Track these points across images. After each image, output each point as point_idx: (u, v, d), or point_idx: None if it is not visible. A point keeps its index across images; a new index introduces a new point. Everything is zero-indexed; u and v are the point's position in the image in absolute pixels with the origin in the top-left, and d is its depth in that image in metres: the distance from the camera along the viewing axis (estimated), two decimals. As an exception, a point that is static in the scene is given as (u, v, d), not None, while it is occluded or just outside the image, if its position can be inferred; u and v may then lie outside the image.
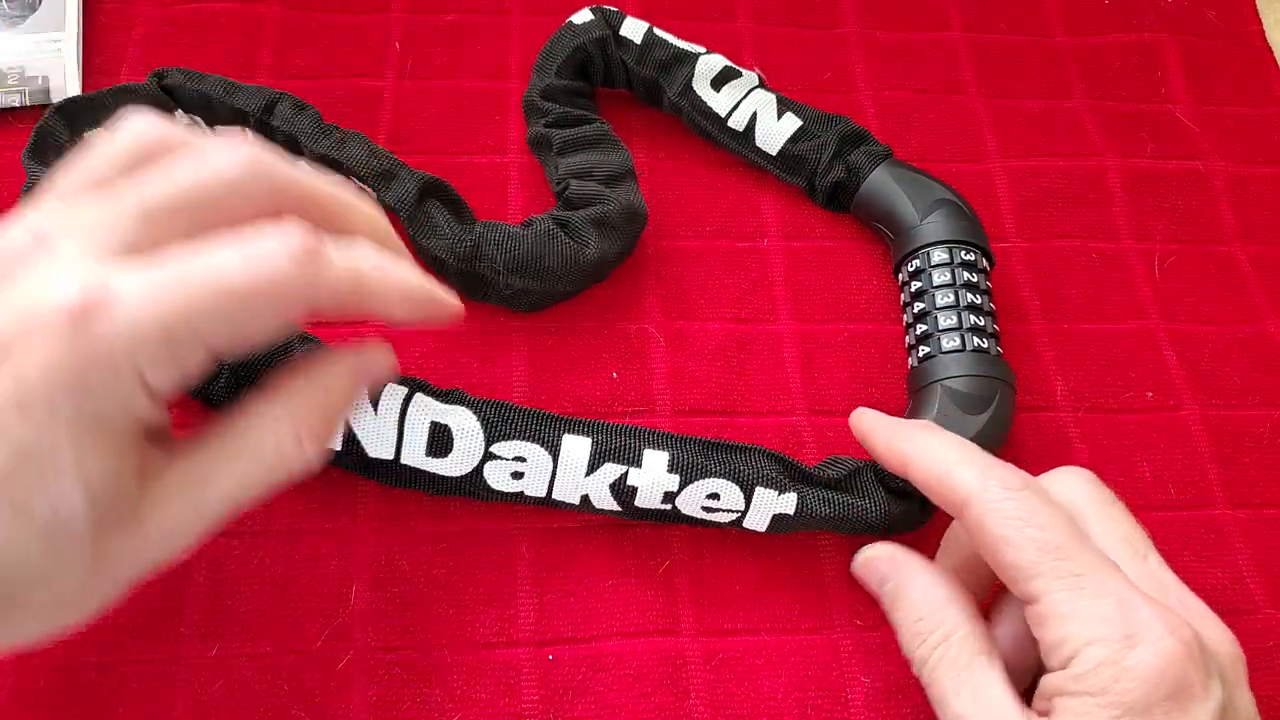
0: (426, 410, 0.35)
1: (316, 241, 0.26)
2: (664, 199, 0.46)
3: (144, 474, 0.26)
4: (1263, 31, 0.54)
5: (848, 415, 0.37)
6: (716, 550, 0.38)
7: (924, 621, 0.31)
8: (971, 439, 0.37)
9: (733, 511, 0.36)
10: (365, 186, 0.41)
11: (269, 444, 0.28)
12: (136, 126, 0.28)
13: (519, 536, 0.38)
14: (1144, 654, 0.26)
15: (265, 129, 0.42)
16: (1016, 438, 0.41)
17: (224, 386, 0.36)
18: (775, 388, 0.42)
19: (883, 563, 0.34)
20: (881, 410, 0.36)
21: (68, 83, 0.45)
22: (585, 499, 0.36)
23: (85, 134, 0.41)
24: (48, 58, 0.45)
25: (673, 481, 0.35)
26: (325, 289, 0.26)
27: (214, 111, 0.42)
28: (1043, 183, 0.48)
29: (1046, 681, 0.28)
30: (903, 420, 0.35)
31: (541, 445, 0.36)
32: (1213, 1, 0.55)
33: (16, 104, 0.44)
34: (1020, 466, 0.40)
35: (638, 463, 0.36)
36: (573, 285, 0.42)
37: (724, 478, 0.36)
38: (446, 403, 0.36)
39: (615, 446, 0.36)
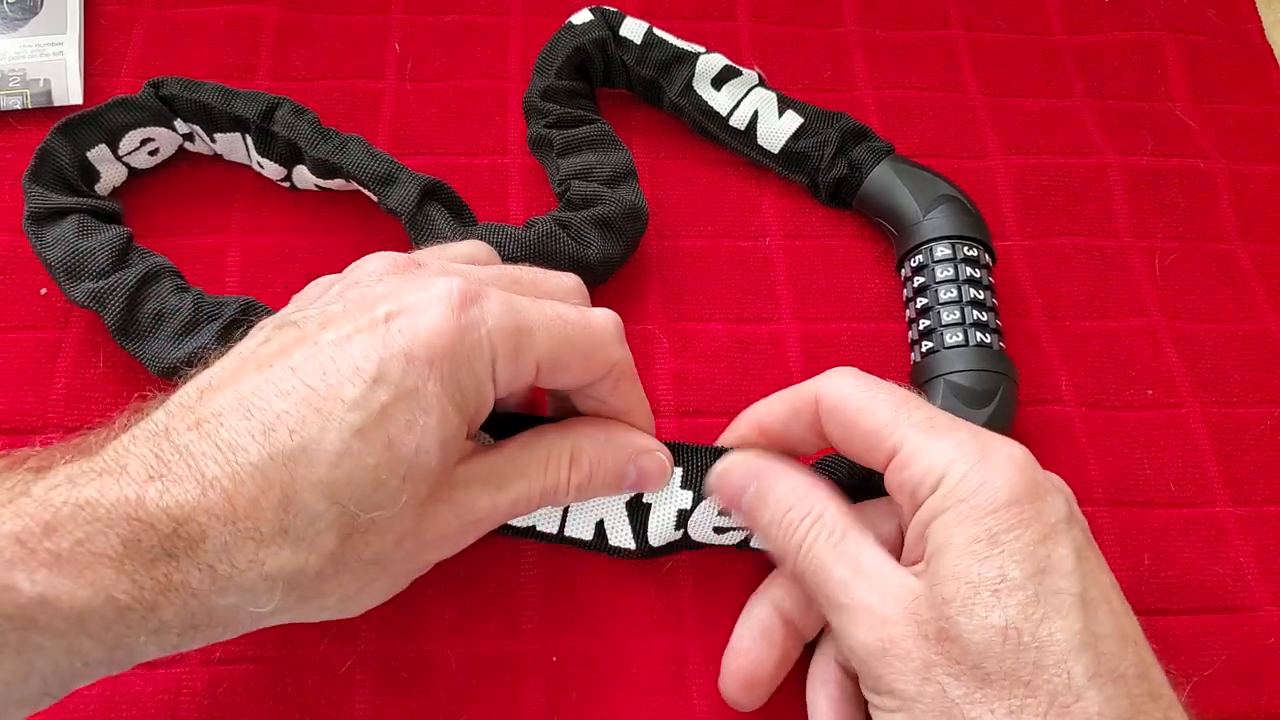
0: None
1: (624, 332, 0.34)
2: (665, 199, 0.46)
3: (461, 459, 0.31)
4: (1262, 29, 0.54)
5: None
6: (719, 549, 0.38)
7: (794, 510, 0.33)
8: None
9: (743, 530, 0.36)
10: (366, 190, 0.41)
11: (546, 460, 0.33)
12: (475, 246, 0.36)
13: (523, 538, 0.37)
14: (1000, 460, 0.30)
15: (265, 135, 0.42)
16: (1021, 433, 0.41)
17: None
18: (778, 387, 0.41)
19: (740, 470, 0.35)
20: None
21: (69, 85, 0.45)
22: (600, 526, 0.36)
23: (87, 152, 0.41)
24: (49, 61, 0.45)
25: (686, 498, 0.35)
26: (619, 364, 0.33)
27: (213, 120, 0.42)
28: (1043, 181, 0.48)
29: (918, 518, 0.31)
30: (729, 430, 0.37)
31: None
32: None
33: (18, 106, 0.44)
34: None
35: None
36: (575, 286, 0.42)
37: None
38: None
39: None
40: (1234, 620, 0.38)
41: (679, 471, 0.35)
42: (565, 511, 0.36)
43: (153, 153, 0.43)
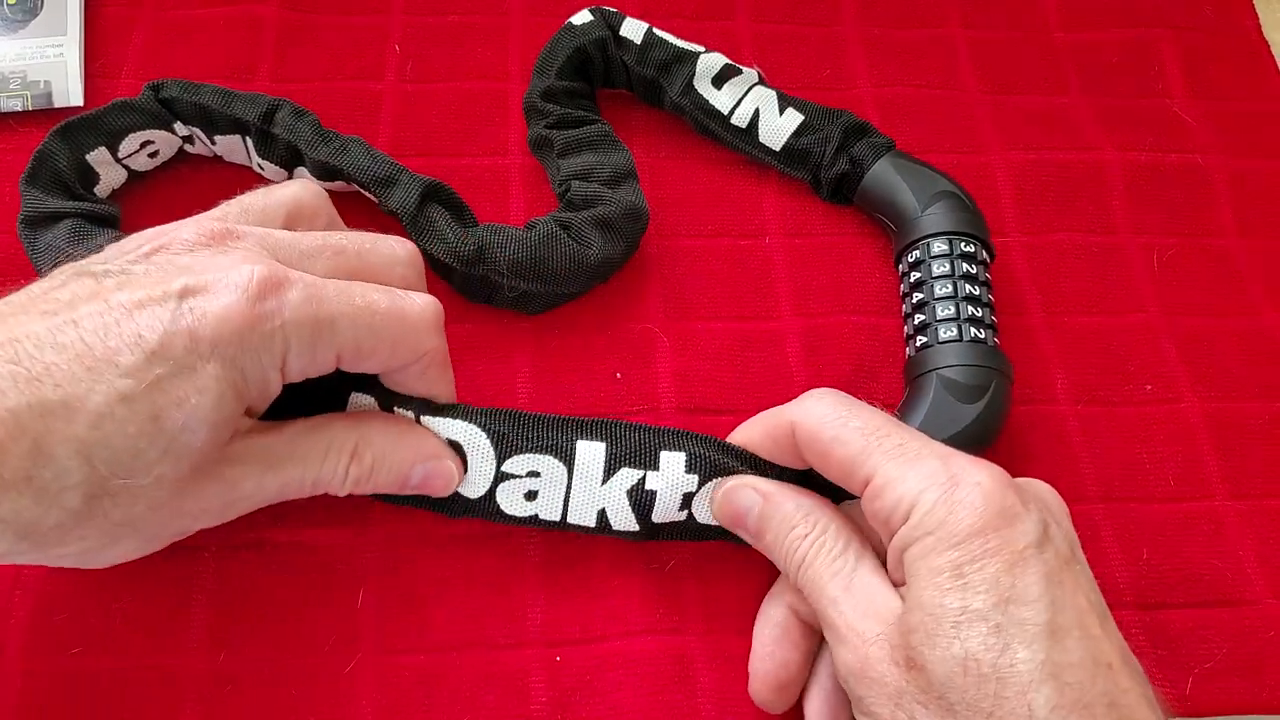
0: (435, 430, 0.35)
1: (443, 319, 0.34)
2: (665, 199, 0.46)
3: (234, 437, 0.31)
4: (1259, 26, 0.54)
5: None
6: (722, 548, 0.38)
7: (796, 529, 0.33)
8: (966, 428, 0.38)
9: None
10: (366, 191, 0.41)
11: (326, 449, 0.33)
12: (301, 188, 0.35)
13: (525, 538, 0.38)
14: (967, 489, 0.30)
15: (265, 137, 0.42)
16: (1017, 431, 0.41)
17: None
18: (779, 385, 0.42)
19: (744, 492, 0.35)
20: (882, 403, 0.36)
21: (70, 87, 0.45)
22: (602, 515, 0.36)
23: (86, 155, 0.41)
24: (49, 62, 0.45)
25: (691, 482, 0.35)
26: (430, 352, 0.33)
27: (213, 122, 0.42)
28: (1042, 177, 0.48)
29: (894, 545, 0.31)
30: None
31: (555, 456, 0.35)
32: (1209, -4, 0.55)
33: (19, 108, 0.44)
34: (1021, 460, 0.41)
35: (654, 465, 0.35)
36: (577, 286, 0.42)
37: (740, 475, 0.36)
38: (452, 417, 0.35)
39: (630, 450, 0.35)
40: (1234, 614, 0.38)
41: (682, 456, 0.35)
42: (566, 501, 0.35)
43: (152, 155, 0.43)
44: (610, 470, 0.35)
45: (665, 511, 0.35)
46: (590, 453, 0.35)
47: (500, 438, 0.35)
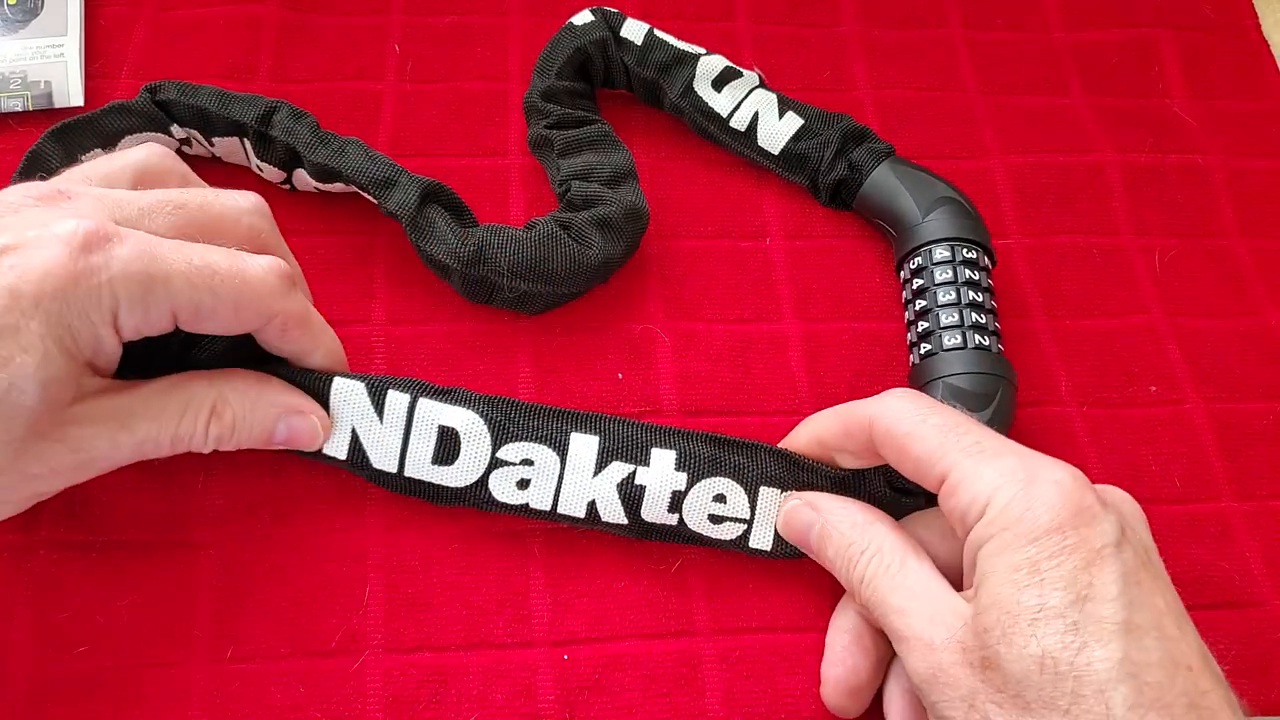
0: (432, 414, 0.35)
1: (295, 277, 0.33)
2: (665, 199, 0.46)
3: (80, 395, 0.30)
4: (1258, 25, 0.54)
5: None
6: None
7: (854, 545, 0.34)
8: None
9: (739, 521, 0.36)
10: (365, 193, 0.41)
11: (184, 406, 0.32)
12: (149, 151, 0.34)
13: (531, 537, 0.38)
14: (1044, 486, 0.30)
15: (263, 139, 0.41)
16: (1025, 433, 0.41)
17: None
18: (781, 387, 0.42)
19: (803, 511, 0.36)
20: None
21: (70, 87, 0.45)
22: (592, 506, 0.36)
23: (81, 156, 0.40)
24: (50, 63, 0.45)
25: (680, 480, 0.36)
26: (282, 314, 0.33)
27: (210, 124, 0.42)
28: (1042, 179, 0.48)
29: (969, 543, 0.31)
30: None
31: (549, 445, 0.36)
32: (1208, -4, 0.55)
33: (19, 108, 0.44)
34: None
35: (645, 461, 0.36)
36: (577, 287, 0.42)
37: (729, 477, 0.36)
38: (451, 403, 0.36)
39: (623, 443, 0.36)
40: (1241, 615, 0.38)
41: (672, 454, 0.36)
42: (557, 492, 0.36)
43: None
44: (602, 463, 0.36)
45: (654, 510, 0.36)
46: (583, 445, 0.36)
47: (497, 425, 0.35)
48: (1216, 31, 0.54)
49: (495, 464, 0.36)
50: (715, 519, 0.36)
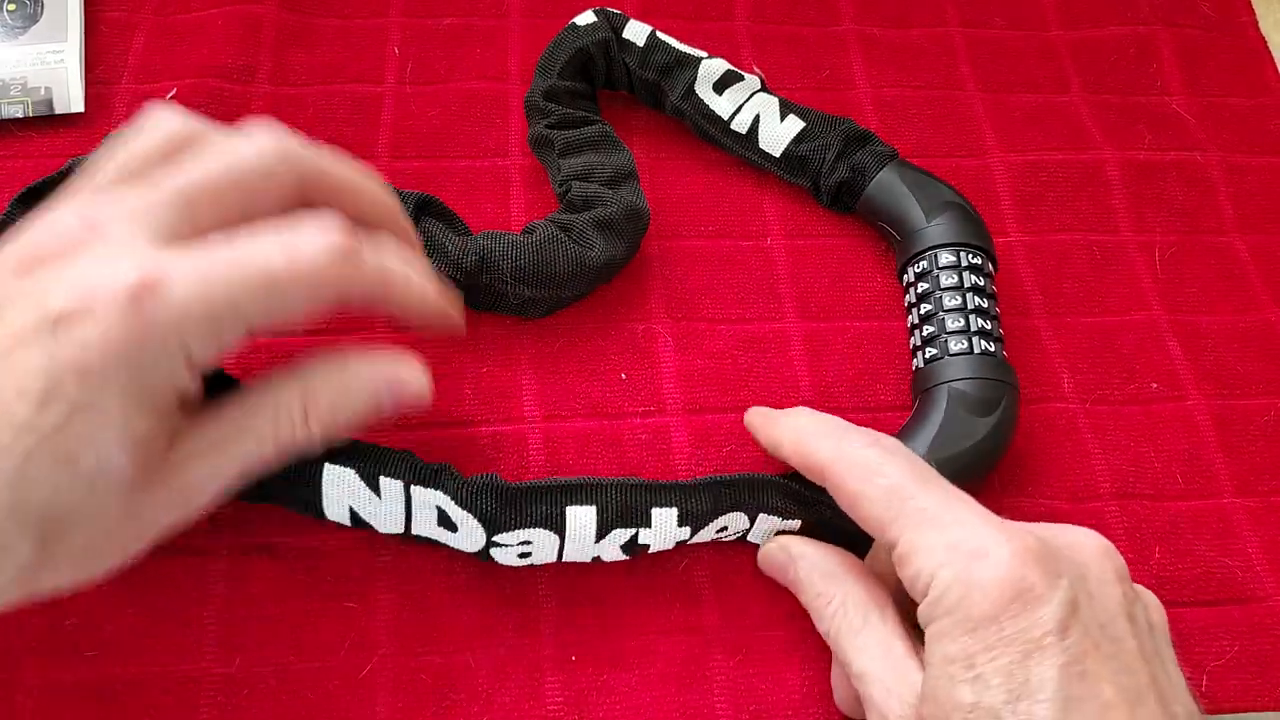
0: (429, 498, 0.34)
1: (353, 241, 0.30)
2: (666, 199, 0.46)
3: (174, 438, 0.29)
4: (1256, 22, 0.54)
5: (856, 412, 0.37)
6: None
7: (821, 596, 0.34)
8: (979, 441, 0.38)
9: (738, 531, 0.37)
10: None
11: (275, 413, 0.31)
12: (163, 121, 0.31)
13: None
14: (985, 567, 0.28)
15: None
16: (1030, 431, 0.41)
17: None
18: (783, 386, 0.42)
19: (777, 555, 0.36)
20: (886, 406, 0.36)
21: (70, 93, 0.44)
22: (597, 559, 0.36)
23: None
24: (50, 69, 0.45)
25: (683, 533, 0.36)
26: (355, 287, 0.30)
27: None
28: (1042, 177, 0.48)
29: (919, 617, 0.30)
30: (778, 410, 0.37)
31: (545, 527, 0.34)
32: (1206, -7, 0.55)
33: (19, 115, 0.44)
34: (1034, 458, 0.41)
35: (646, 523, 0.35)
36: (580, 289, 0.42)
37: (731, 511, 0.36)
38: (441, 490, 0.34)
39: (621, 510, 0.35)
40: (1245, 611, 0.39)
41: (673, 512, 0.35)
42: (560, 549, 0.35)
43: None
44: (603, 532, 0.35)
45: (659, 551, 0.36)
46: (581, 518, 0.35)
47: (489, 519, 0.34)
48: (1215, 29, 0.54)
49: (492, 545, 0.35)
50: (718, 536, 0.37)
